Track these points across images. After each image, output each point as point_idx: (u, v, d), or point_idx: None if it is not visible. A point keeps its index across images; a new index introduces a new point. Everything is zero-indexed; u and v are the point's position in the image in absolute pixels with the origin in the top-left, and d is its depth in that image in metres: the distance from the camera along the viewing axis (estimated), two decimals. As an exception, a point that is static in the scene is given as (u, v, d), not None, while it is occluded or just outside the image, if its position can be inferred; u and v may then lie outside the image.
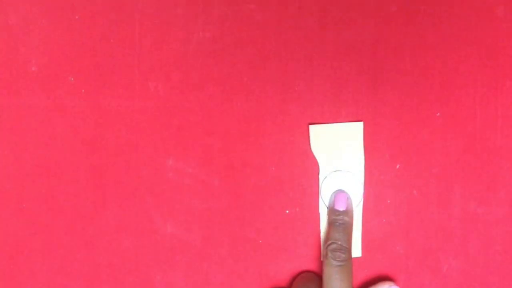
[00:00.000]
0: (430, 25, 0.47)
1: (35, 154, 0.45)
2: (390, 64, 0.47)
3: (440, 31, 0.47)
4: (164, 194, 0.46)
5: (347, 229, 0.45)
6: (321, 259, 0.48)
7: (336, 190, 0.47)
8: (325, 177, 0.47)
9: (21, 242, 0.46)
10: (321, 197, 0.47)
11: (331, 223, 0.46)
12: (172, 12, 0.45)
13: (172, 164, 0.46)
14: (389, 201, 0.48)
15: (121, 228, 0.46)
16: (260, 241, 0.47)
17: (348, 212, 0.46)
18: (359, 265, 0.48)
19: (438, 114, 0.48)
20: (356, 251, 0.48)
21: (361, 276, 0.48)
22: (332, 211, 0.46)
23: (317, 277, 0.47)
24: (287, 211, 0.47)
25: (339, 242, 0.44)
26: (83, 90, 0.45)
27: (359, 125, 0.47)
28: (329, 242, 0.44)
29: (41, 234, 0.46)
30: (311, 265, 0.48)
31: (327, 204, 0.47)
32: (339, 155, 0.47)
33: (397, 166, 0.47)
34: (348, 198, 0.46)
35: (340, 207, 0.46)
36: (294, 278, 0.48)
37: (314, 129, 0.46)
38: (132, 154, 0.46)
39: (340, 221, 0.45)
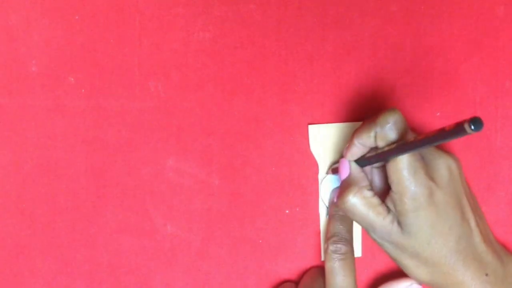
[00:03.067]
0: (430, 25, 0.47)
1: (35, 154, 0.45)
2: (390, 64, 0.47)
3: (440, 31, 0.47)
4: (164, 194, 0.46)
5: (347, 220, 0.45)
6: (322, 254, 0.47)
7: (337, 187, 0.47)
8: (325, 177, 0.47)
9: (21, 242, 0.46)
10: (321, 197, 0.47)
11: (331, 216, 0.45)
12: (172, 12, 0.45)
13: (172, 164, 0.46)
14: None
15: (121, 228, 0.46)
16: (260, 241, 0.47)
17: None
18: (359, 265, 0.48)
19: (438, 114, 0.48)
20: (356, 251, 0.48)
21: (361, 276, 0.48)
22: (332, 205, 0.46)
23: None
24: (287, 211, 0.47)
25: (340, 235, 0.43)
26: (83, 90, 0.45)
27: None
28: (329, 235, 0.44)
29: (41, 234, 0.46)
30: (311, 265, 0.48)
31: (327, 204, 0.47)
32: (338, 155, 0.47)
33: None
34: None
35: None
36: (303, 274, 0.47)
37: (313, 129, 0.46)
38: (132, 154, 0.46)
39: (340, 212, 0.45)
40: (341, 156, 0.45)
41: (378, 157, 0.40)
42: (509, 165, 0.49)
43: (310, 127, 0.46)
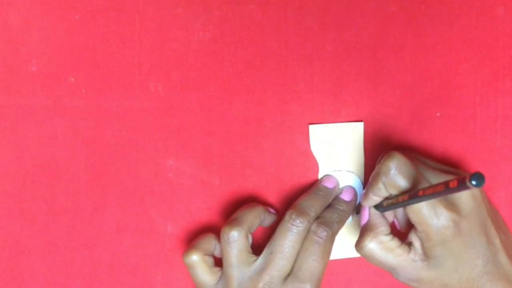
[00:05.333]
0: (430, 25, 0.47)
1: (35, 154, 0.45)
2: (390, 64, 0.47)
3: (440, 31, 0.47)
4: (164, 194, 0.46)
5: (323, 203, 0.44)
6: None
7: (328, 174, 0.47)
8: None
9: (21, 242, 0.46)
10: (321, 197, 0.47)
11: (310, 192, 0.45)
12: (172, 12, 0.45)
13: (172, 164, 0.46)
14: (389, 201, 0.47)
15: (121, 228, 0.46)
16: (260, 242, 0.47)
17: (351, 202, 0.46)
18: (359, 265, 0.48)
19: (438, 114, 0.48)
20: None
21: (361, 276, 0.48)
22: (316, 185, 0.46)
23: (262, 209, 0.45)
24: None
25: (309, 211, 0.42)
26: (83, 90, 0.45)
27: (359, 125, 0.47)
28: (297, 208, 0.42)
29: (41, 234, 0.46)
30: (311, 265, 0.48)
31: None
32: (339, 155, 0.47)
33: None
34: (355, 193, 0.46)
35: (330, 184, 0.46)
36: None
37: (314, 129, 0.46)
38: (132, 154, 0.46)
39: (320, 192, 0.45)
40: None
41: (395, 207, 0.40)
42: (509, 165, 0.49)
43: (311, 127, 0.46)
